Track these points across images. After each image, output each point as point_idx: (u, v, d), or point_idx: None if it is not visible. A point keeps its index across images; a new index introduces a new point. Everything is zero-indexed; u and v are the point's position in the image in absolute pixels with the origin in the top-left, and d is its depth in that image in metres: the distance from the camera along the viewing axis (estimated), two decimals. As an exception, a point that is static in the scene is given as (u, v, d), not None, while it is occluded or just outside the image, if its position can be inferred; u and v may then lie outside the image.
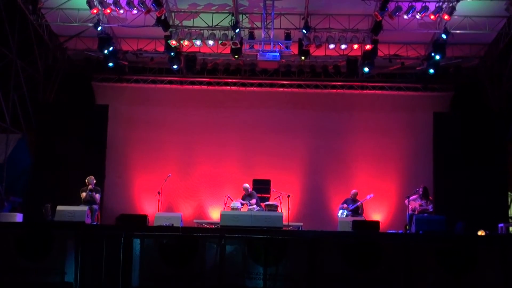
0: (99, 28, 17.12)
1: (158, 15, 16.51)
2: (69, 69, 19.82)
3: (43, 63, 18.83)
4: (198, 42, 17.54)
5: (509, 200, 18.27)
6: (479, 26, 17.20)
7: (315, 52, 18.01)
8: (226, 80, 20.06)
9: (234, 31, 16.99)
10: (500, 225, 15.23)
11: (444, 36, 16.85)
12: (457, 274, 10.35)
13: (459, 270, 10.37)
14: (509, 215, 18.22)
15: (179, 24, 17.73)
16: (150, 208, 17.77)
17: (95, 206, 15.30)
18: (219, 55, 19.02)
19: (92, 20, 17.04)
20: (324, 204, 18.99)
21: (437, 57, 17.43)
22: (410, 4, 16.08)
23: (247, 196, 16.54)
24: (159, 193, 16.19)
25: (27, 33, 17.51)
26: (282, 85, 20.06)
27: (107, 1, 16.34)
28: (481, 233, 14.22)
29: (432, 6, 16.24)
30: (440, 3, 16.18)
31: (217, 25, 17.62)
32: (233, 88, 20.10)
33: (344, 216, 16.17)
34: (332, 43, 17.37)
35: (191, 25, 17.71)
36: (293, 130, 19.65)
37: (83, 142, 18.45)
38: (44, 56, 18.80)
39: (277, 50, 17.29)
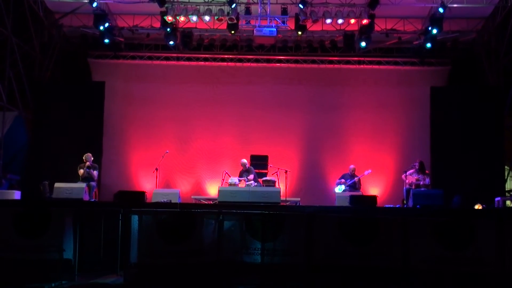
0: (95, 4, 17.07)
1: (154, -9, 16.44)
2: (65, 46, 19.75)
3: (39, 40, 18.73)
4: (194, 18, 17.46)
5: (506, 174, 18.30)
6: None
7: (312, 27, 17.96)
8: (222, 56, 20.01)
9: (231, 6, 16.87)
10: (497, 198, 15.25)
11: (441, 10, 16.82)
12: (454, 247, 10.33)
13: (456, 244, 10.34)
14: (506, 189, 18.31)
15: (175, 0, 17.59)
16: (148, 184, 17.85)
17: (93, 183, 15.31)
18: (216, 31, 18.97)
19: (87, -4, 16.95)
20: (321, 179, 19.06)
21: (434, 31, 17.39)
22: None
23: (244, 172, 16.56)
24: (156, 169, 16.14)
25: (22, 10, 17.44)
26: (279, 61, 20.04)
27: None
28: (478, 207, 14.28)
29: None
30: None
31: (213, 0, 17.50)
32: (230, 64, 20.07)
33: (342, 191, 16.21)
34: (329, 18, 17.29)
35: (187, 0, 17.61)
36: (290, 106, 19.65)
37: (80, 119, 18.39)
38: (40, 33, 18.73)
39: (273, 25, 17.31)
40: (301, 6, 16.82)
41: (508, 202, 16.21)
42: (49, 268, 10.54)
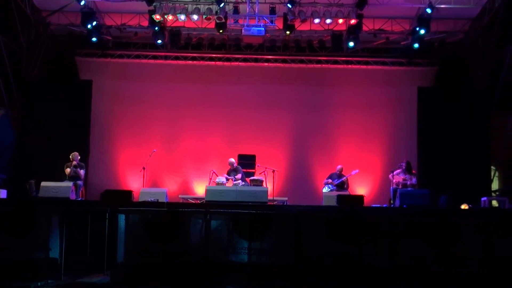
0: (82, 3, 17.01)
1: (142, -11, 16.38)
2: (52, 44, 19.66)
3: (26, 38, 18.58)
4: (182, 17, 17.41)
5: (492, 174, 18.39)
6: (464, 0, 17.23)
7: (300, 26, 17.91)
8: (210, 55, 19.94)
9: (219, 5, 16.81)
10: (483, 198, 15.33)
11: (428, 10, 16.87)
12: (441, 247, 10.39)
13: (442, 244, 10.41)
14: (492, 189, 18.38)
15: (163, -2, 17.58)
16: (135, 183, 17.74)
17: (80, 182, 15.24)
18: (204, 30, 18.91)
19: (75, -6, 16.87)
20: (309, 179, 19.06)
21: (422, 31, 17.45)
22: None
23: (232, 171, 16.54)
24: (144, 168, 16.16)
25: (8, 8, 17.31)
26: (267, 60, 19.99)
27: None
28: (464, 206, 14.31)
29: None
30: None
31: (201, -1, 17.51)
32: (218, 63, 20.01)
33: (329, 190, 16.22)
34: (317, 18, 17.27)
35: (176, -1, 17.58)
36: (278, 105, 19.62)
37: (67, 118, 18.27)
38: (27, 31, 18.57)
39: (262, 24, 17.31)
40: (289, 5, 16.79)
41: (494, 202, 16.22)
42: (35, 267, 10.54)
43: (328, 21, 17.39)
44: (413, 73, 19.76)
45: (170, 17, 17.59)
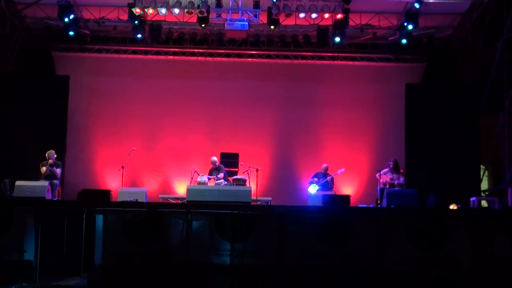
0: (59, -5, 16.71)
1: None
2: (28, 38, 19.34)
3: (0, 32, 18.18)
4: (163, 11, 17.16)
5: (481, 173, 18.34)
6: (453, -5, 17.24)
7: (285, 21, 17.79)
8: (192, 50, 19.78)
9: (201, -2, 16.63)
10: (472, 198, 15.29)
11: (417, 5, 16.88)
12: (429, 248, 10.41)
13: (430, 244, 10.43)
14: (481, 189, 18.37)
15: (143, -9, 17.30)
16: (114, 183, 17.51)
17: (56, 181, 14.92)
18: (185, 24, 18.67)
19: (51, -14, 16.61)
20: (294, 178, 18.95)
21: (410, 27, 17.50)
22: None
23: (214, 170, 16.28)
24: (122, 167, 15.89)
25: (-19, 0, 17.00)
26: (251, 55, 19.87)
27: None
28: (453, 207, 14.28)
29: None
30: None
31: (183, -8, 17.23)
32: (200, 58, 19.85)
33: (315, 190, 16.03)
34: (302, 12, 17.12)
35: (156, -8, 17.30)
36: (262, 102, 19.52)
37: (43, 115, 17.90)
38: (1, 25, 18.14)
39: (245, 19, 17.29)
40: (273, -1, 16.63)
41: (483, 202, 16.30)
42: (8, 270, 10.41)
43: (314, 15, 17.29)
44: (401, 69, 19.74)
45: (150, 11, 17.37)
